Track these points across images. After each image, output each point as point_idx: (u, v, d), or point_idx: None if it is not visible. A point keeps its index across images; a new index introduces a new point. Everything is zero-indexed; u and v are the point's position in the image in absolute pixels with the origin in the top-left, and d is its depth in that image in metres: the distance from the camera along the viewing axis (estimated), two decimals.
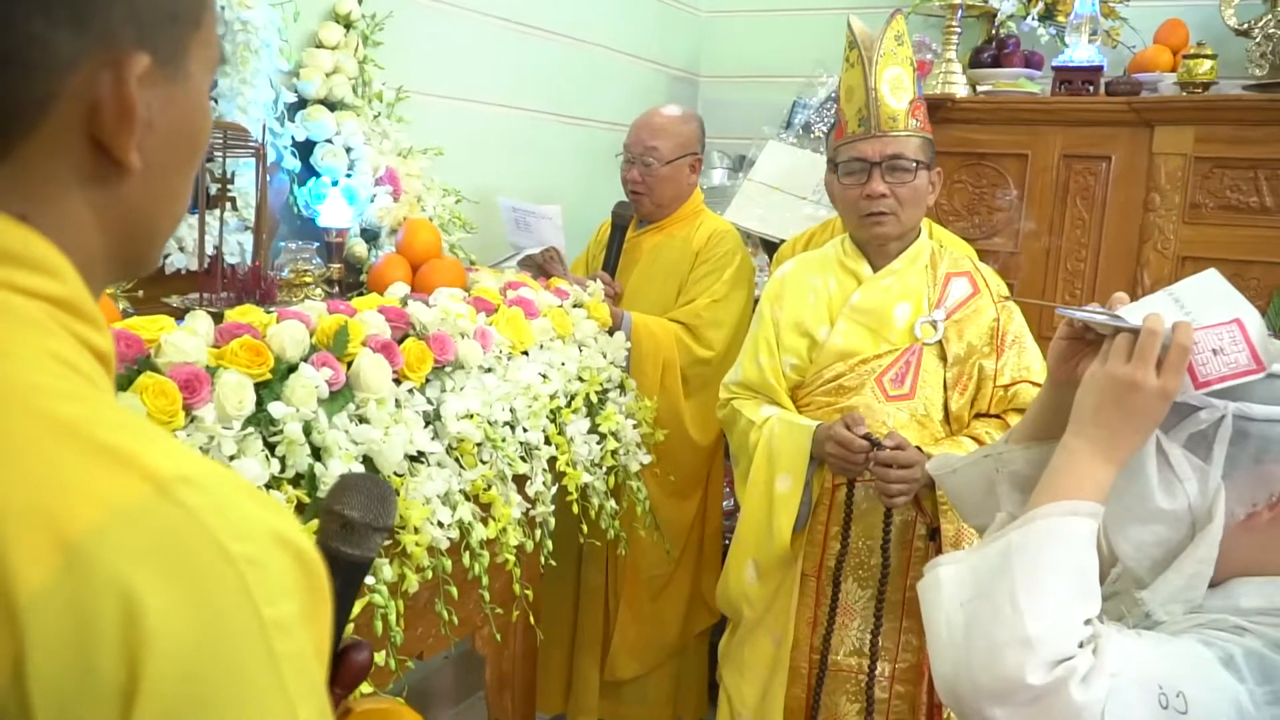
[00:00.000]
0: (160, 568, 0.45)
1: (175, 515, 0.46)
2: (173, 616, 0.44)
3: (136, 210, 0.55)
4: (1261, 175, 2.51)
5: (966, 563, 0.98)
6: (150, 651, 0.43)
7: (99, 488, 0.46)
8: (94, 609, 0.43)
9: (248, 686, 0.46)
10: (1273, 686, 0.88)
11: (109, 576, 0.44)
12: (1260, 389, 0.95)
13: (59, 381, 0.49)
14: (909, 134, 1.79)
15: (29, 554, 0.43)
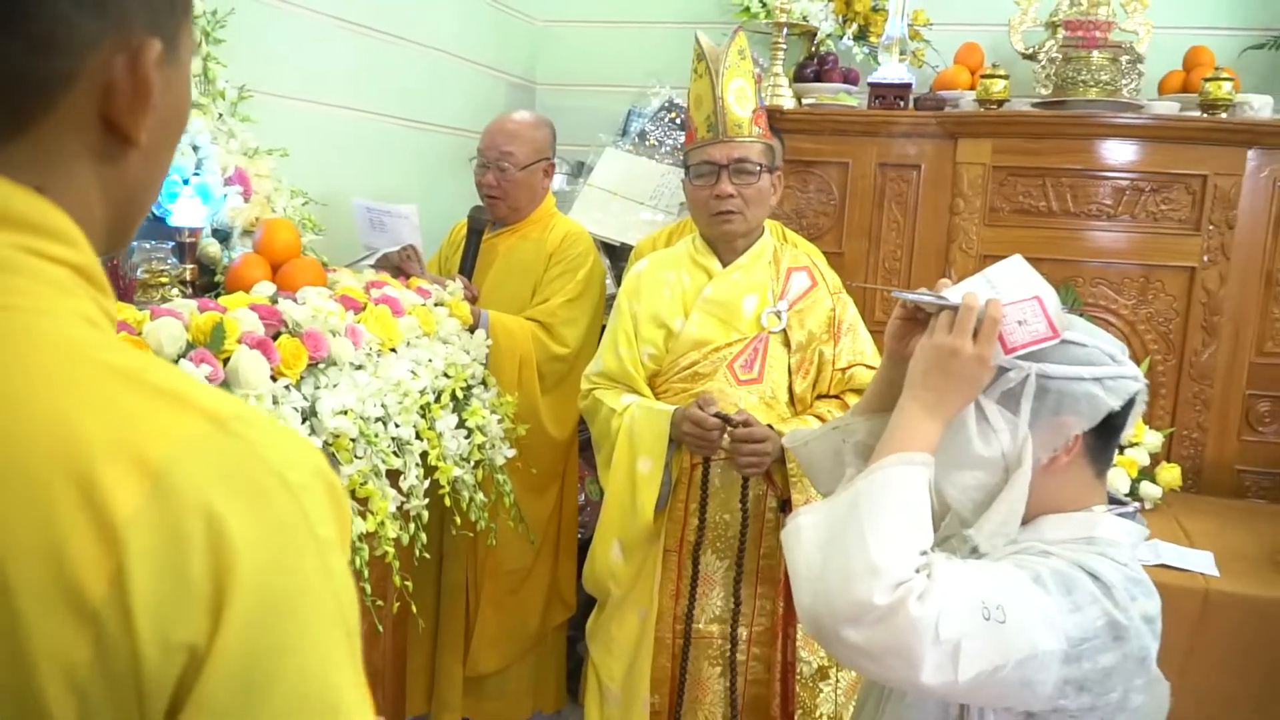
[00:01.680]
0: (234, 492, 0.51)
1: (238, 447, 0.52)
2: (250, 535, 0.50)
3: (135, 185, 0.60)
4: (1049, 183, 2.83)
5: (821, 512, 1.12)
6: (236, 564, 0.49)
7: (168, 424, 0.51)
8: (184, 527, 0.49)
9: (313, 596, 0.53)
10: (1073, 598, 1.05)
11: (193, 500, 0.49)
12: (1056, 352, 1.13)
13: (98, 336, 0.54)
14: (753, 140, 1.94)
15: (119, 482, 0.48)
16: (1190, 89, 2.91)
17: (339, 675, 0.53)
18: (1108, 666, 1.04)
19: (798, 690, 1.90)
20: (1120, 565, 1.10)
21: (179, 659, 0.49)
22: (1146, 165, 2.76)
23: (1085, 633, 1.03)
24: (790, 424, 1.89)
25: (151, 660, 0.48)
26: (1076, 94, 2.78)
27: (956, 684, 1.00)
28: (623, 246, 3.43)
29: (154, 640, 0.48)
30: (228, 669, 0.49)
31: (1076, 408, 1.12)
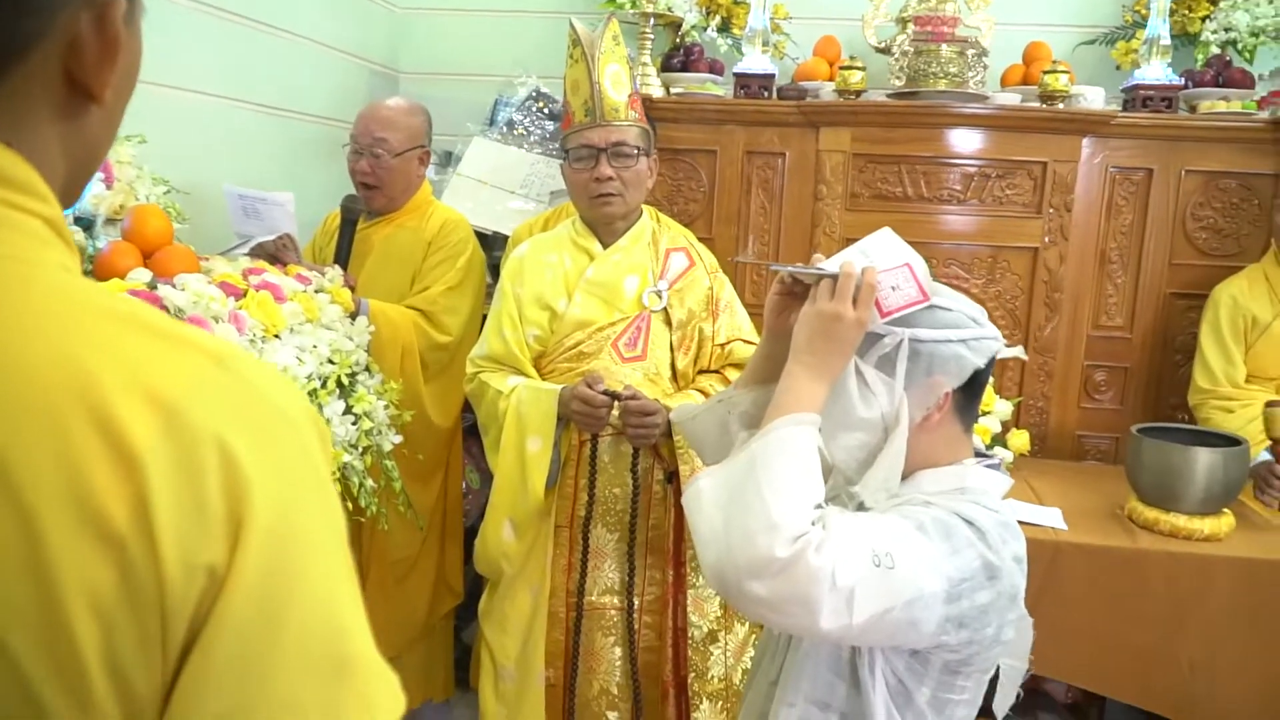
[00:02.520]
0: (242, 426, 0.53)
1: (240, 385, 0.55)
2: (259, 465, 0.53)
3: (93, 143, 0.61)
4: (904, 169, 2.99)
5: (720, 475, 1.17)
6: (249, 492, 0.52)
7: (174, 363, 0.53)
8: (199, 457, 0.51)
9: (318, 523, 0.56)
10: (952, 543, 1.14)
11: (205, 432, 0.52)
12: (926, 318, 1.22)
13: (87, 284, 0.56)
14: (629, 124, 1.99)
15: (134, 415, 0.51)
16: (1030, 81, 3.12)
17: (344, 595, 0.57)
18: (984, 604, 1.13)
19: (690, 654, 1.96)
20: (991, 511, 1.20)
21: (200, 580, 0.51)
22: (992, 153, 2.95)
23: (964, 574, 1.12)
24: (675, 399, 1.96)
25: (175, 581, 0.50)
26: (928, 85, 2.95)
27: (851, 627, 1.07)
28: (495, 235, 3.44)
29: (178, 562, 0.50)
30: (247, 589, 0.52)
31: (946, 368, 1.21)
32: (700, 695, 1.96)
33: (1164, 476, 2.30)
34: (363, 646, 0.57)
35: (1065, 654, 2.27)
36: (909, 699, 1.20)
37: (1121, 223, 2.99)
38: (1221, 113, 2.96)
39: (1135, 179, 2.97)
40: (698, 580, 1.97)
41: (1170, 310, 3.00)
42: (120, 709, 0.51)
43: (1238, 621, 2.20)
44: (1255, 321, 2.65)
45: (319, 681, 0.54)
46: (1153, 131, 2.93)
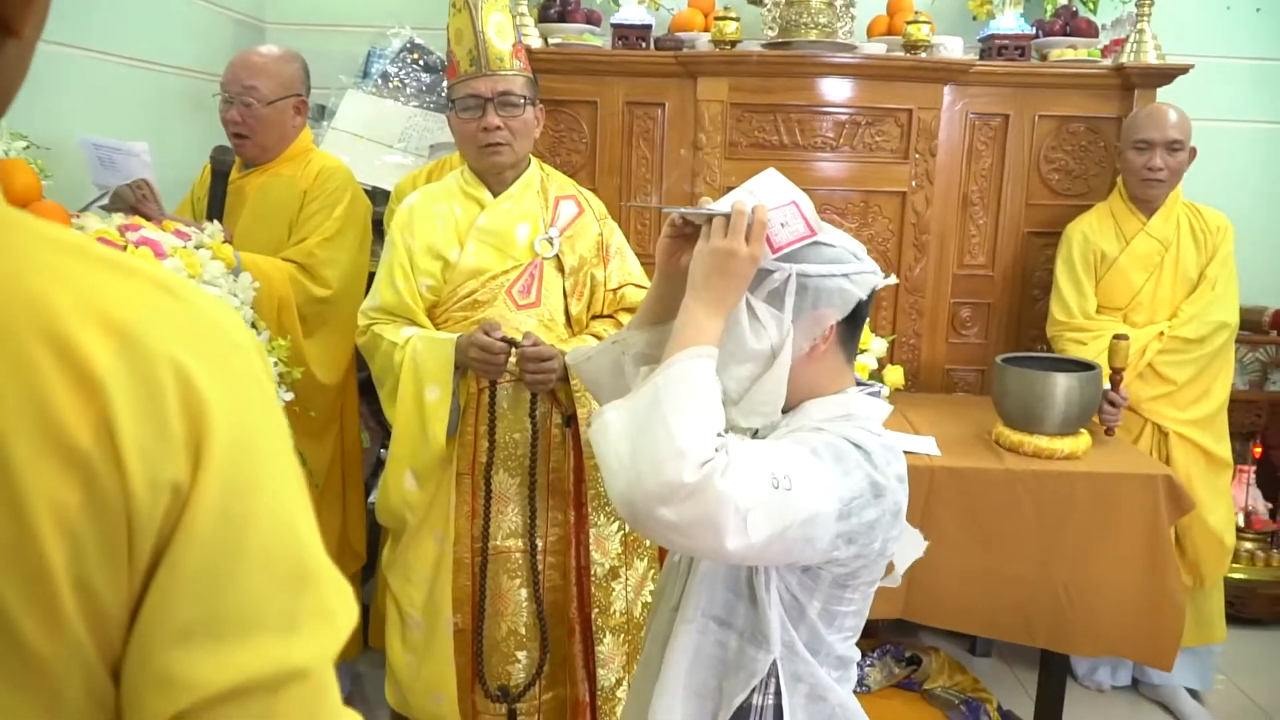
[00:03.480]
0: (194, 349, 0.55)
1: (189, 310, 0.57)
2: (215, 385, 0.55)
3: (6, 81, 0.59)
4: (779, 118, 3.07)
5: (625, 408, 1.21)
6: (208, 411, 0.54)
7: (125, 290, 0.54)
8: (157, 377, 0.53)
9: (271, 440, 0.58)
10: (842, 465, 1.21)
11: (161, 354, 0.53)
12: (812, 253, 1.29)
13: (24, 214, 0.55)
14: (515, 73, 2.00)
15: (91, 340, 0.52)
16: (894, 32, 3.24)
17: (299, 508, 0.60)
18: (871, 520, 1.22)
19: (593, 590, 2.02)
20: (875, 435, 1.28)
21: (165, 497, 0.53)
22: (861, 101, 3.06)
23: (854, 493, 1.20)
24: (570, 343, 1.99)
25: (141, 498, 0.52)
26: (799, 36, 3.03)
27: (753, 546, 1.13)
28: (374, 190, 3.38)
29: (143, 479, 0.52)
30: (210, 505, 0.54)
31: (831, 300, 1.28)
32: (604, 630, 2.03)
33: (1027, 402, 2.47)
34: (319, 556, 0.60)
35: (945, 600, 2.44)
36: (802, 612, 1.28)
37: (981, 166, 3.16)
38: (1070, 60, 3.14)
39: (993, 124, 3.14)
40: (599, 519, 2.03)
41: (1028, 248, 3.19)
42: (88, 625, 0.52)
43: (1099, 536, 2.40)
44: (1104, 256, 2.85)
45: (281, 591, 0.57)
46: (1008, 79, 3.09)
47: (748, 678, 1.30)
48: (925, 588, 2.40)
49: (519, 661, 2.05)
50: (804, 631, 1.29)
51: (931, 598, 2.43)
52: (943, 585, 2.40)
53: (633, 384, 1.39)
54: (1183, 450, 2.78)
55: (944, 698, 2.71)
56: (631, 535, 2.07)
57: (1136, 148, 2.75)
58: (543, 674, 2.05)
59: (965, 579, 2.41)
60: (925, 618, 2.52)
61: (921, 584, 2.40)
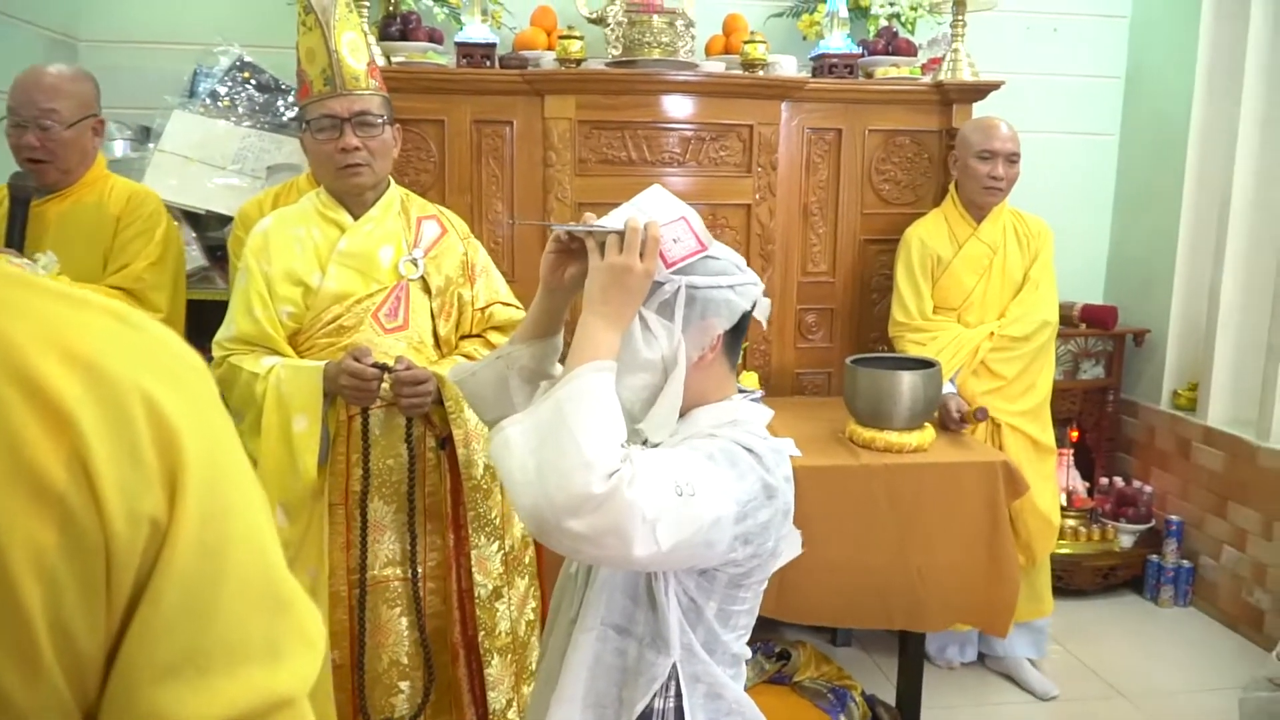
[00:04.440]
0: (158, 377, 0.53)
1: (145, 339, 0.55)
2: (182, 412, 0.53)
3: None
4: (627, 135, 3.13)
5: (526, 422, 1.22)
6: (180, 439, 0.52)
7: (82, 321, 0.52)
8: (127, 407, 0.51)
9: (238, 464, 0.57)
10: (737, 469, 1.26)
11: (127, 382, 0.52)
12: (700, 265, 1.33)
13: None
14: (371, 92, 1.97)
15: (56, 373, 0.50)
16: (731, 51, 3.36)
17: (270, 534, 0.59)
18: (765, 521, 1.27)
19: (477, 613, 2.00)
20: (763, 439, 1.34)
21: (144, 531, 0.51)
22: (704, 117, 3.16)
23: (749, 495, 1.24)
24: (442, 365, 1.97)
25: (120, 534, 0.50)
26: (643, 54, 3.10)
27: (660, 552, 1.16)
28: (208, 215, 3.24)
29: (121, 513, 0.50)
30: (189, 537, 0.52)
31: (718, 311, 1.33)
32: (491, 651, 2.01)
33: (876, 400, 2.61)
34: (290, 579, 0.60)
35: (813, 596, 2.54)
36: (699, 614, 1.32)
37: (819, 178, 3.31)
38: (894, 78, 3.34)
39: (828, 139, 3.30)
40: (479, 540, 2.01)
41: (865, 255, 3.37)
42: (64, 671, 0.50)
43: (946, 520, 2.56)
44: (939, 260, 3.04)
45: (262, 618, 0.56)
46: (839, 95, 3.26)
47: (649, 683, 1.32)
48: (794, 586, 2.49)
49: (402, 692, 2.00)
50: (701, 632, 1.32)
51: (800, 596, 2.53)
52: (810, 582, 2.50)
53: (517, 398, 1.40)
54: (1013, 439, 3.00)
55: (812, 688, 2.81)
56: (512, 554, 2.07)
57: (980, 157, 2.95)
58: (428, 702, 2.01)
59: (830, 573, 2.51)
60: (796, 616, 2.62)
61: (791, 583, 2.48)
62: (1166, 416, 3.92)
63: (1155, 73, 3.96)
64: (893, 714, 2.77)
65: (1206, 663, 3.31)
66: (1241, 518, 3.52)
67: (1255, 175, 3.57)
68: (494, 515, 2.02)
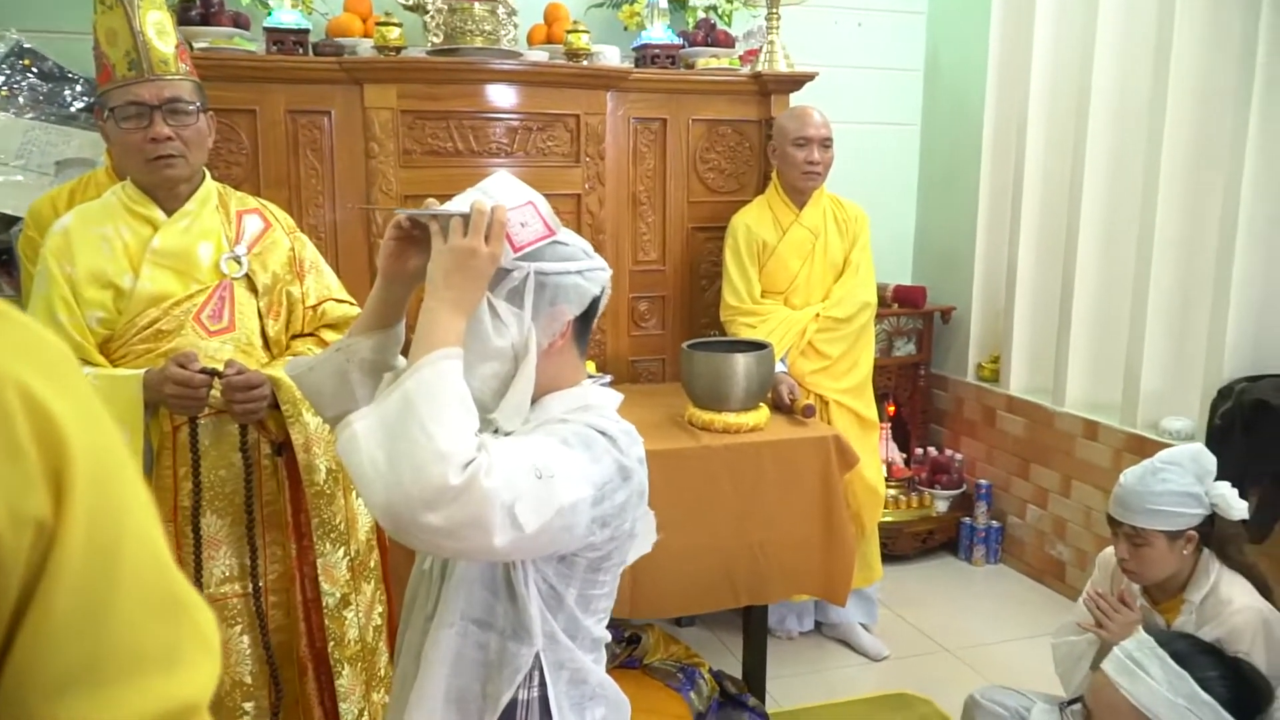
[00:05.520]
0: (34, 367, 0.49)
1: (18, 328, 0.50)
2: (62, 405, 0.48)
3: None
4: (452, 125, 3.07)
5: (373, 416, 1.17)
6: (62, 434, 0.48)
7: None
8: (4, 401, 0.47)
9: (123, 461, 0.53)
10: (592, 452, 1.26)
11: (3, 375, 0.47)
12: (548, 251, 1.32)
13: None
14: (182, 77, 1.84)
15: None
16: (554, 40, 3.34)
17: (158, 531, 0.56)
18: (621, 502, 1.27)
19: (326, 623, 1.92)
20: (615, 422, 1.34)
21: (29, 533, 0.47)
22: (531, 107, 3.13)
23: (605, 478, 1.25)
24: (275, 366, 1.87)
25: (3, 535, 0.46)
26: (465, 42, 3.04)
27: (521, 539, 1.14)
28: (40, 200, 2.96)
29: (3, 515, 0.46)
30: (79, 537, 0.49)
31: (568, 297, 1.32)
32: (341, 662, 1.93)
33: (713, 382, 2.67)
34: (185, 581, 0.56)
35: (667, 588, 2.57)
36: (560, 601, 1.31)
37: (646, 168, 3.35)
38: (714, 69, 3.42)
39: (653, 128, 3.34)
40: (324, 547, 1.92)
41: (693, 242, 3.43)
42: None
43: (785, 495, 2.65)
44: (765, 245, 3.14)
45: (160, 623, 0.53)
46: (662, 86, 3.30)
47: (512, 674, 1.31)
48: (647, 582, 2.52)
49: (248, 714, 1.89)
50: (563, 619, 1.32)
51: (656, 590, 2.56)
52: (662, 574, 2.53)
53: (360, 392, 1.35)
54: (840, 415, 3.14)
55: (662, 669, 2.86)
56: (358, 559, 1.99)
57: (796, 144, 3.06)
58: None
59: (680, 561, 2.55)
60: (653, 612, 2.65)
61: (644, 579, 2.51)
62: (973, 388, 4.19)
63: (951, 65, 4.22)
64: (739, 686, 2.85)
65: (1018, 614, 3.57)
66: (1042, 478, 3.82)
67: (1043, 160, 3.86)
68: (339, 521, 1.94)
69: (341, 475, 1.94)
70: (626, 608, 2.51)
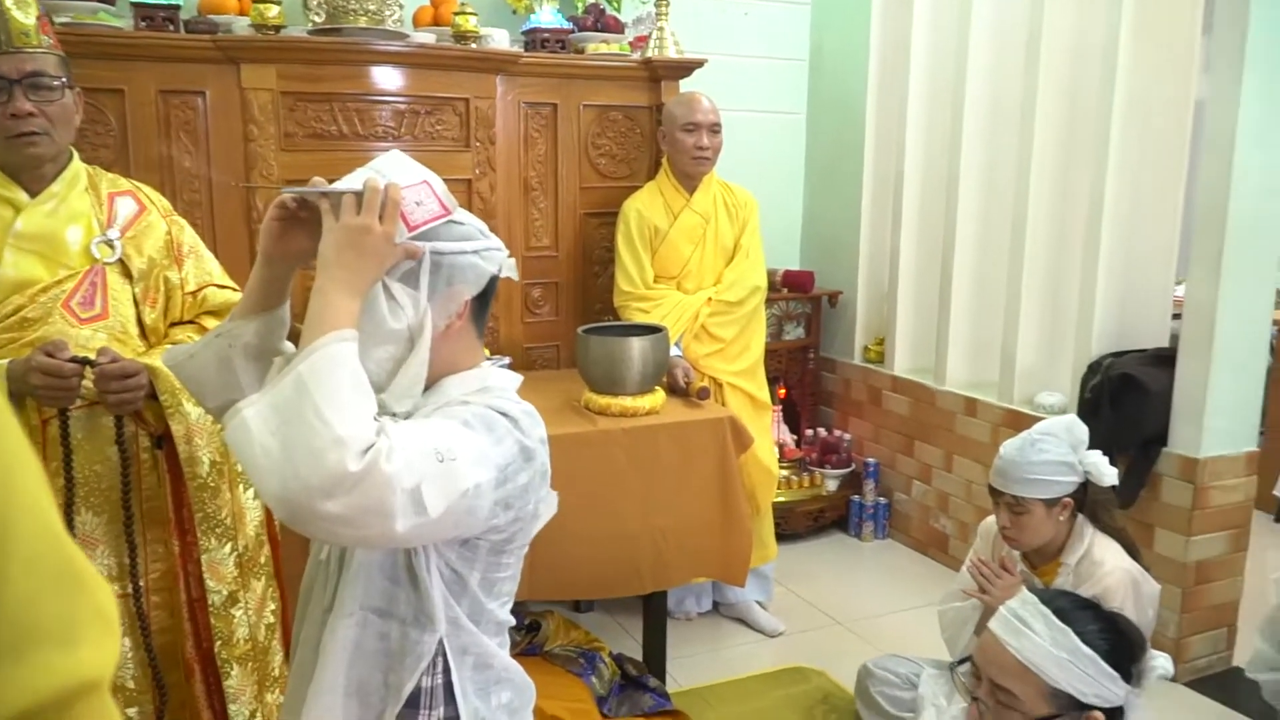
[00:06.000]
0: None
1: None
2: None
3: None
4: (336, 107, 2.98)
5: (264, 402, 1.12)
6: None
7: None
8: None
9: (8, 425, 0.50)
10: (494, 434, 1.24)
11: None
12: (444, 231, 1.29)
13: None
14: (45, 50, 1.74)
15: None
16: (441, 22, 3.28)
17: (51, 503, 0.52)
18: (524, 484, 1.26)
19: (213, 622, 1.84)
20: (516, 403, 1.33)
21: None
22: (418, 90, 3.06)
23: (507, 459, 1.23)
24: (153, 355, 1.79)
25: None
26: (348, 23, 2.95)
27: (425, 524, 1.12)
28: None
29: None
30: None
31: (465, 277, 1.30)
32: (229, 662, 1.86)
33: (608, 366, 2.67)
34: (82, 556, 0.53)
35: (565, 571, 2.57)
36: (464, 586, 1.29)
37: (538, 153, 3.32)
38: (604, 54, 3.41)
39: (544, 113, 3.31)
40: (209, 543, 1.84)
41: (586, 228, 3.42)
42: None
43: (683, 478, 2.67)
44: (657, 230, 3.15)
45: (56, 595, 0.50)
46: (553, 70, 3.28)
47: (415, 662, 1.28)
48: (546, 563, 2.50)
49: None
50: (466, 604, 1.30)
51: (553, 574, 2.54)
52: (561, 557, 2.52)
53: (244, 379, 1.31)
54: (734, 397, 3.18)
55: (563, 655, 2.85)
56: (246, 555, 1.92)
57: (685, 130, 3.08)
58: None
59: (580, 545, 2.55)
60: (551, 594, 2.64)
61: (542, 560, 2.49)
62: (859, 369, 4.31)
63: (834, 55, 4.31)
64: (640, 667, 2.87)
65: (906, 586, 3.70)
66: (926, 454, 3.95)
67: (923, 150, 3.99)
68: (224, 515, 1.86)
69: (227, 467, 1.86)
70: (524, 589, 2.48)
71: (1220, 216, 2.86)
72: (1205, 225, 2.91)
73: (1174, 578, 2.99)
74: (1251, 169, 2.83)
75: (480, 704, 1.33)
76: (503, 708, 1.37)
